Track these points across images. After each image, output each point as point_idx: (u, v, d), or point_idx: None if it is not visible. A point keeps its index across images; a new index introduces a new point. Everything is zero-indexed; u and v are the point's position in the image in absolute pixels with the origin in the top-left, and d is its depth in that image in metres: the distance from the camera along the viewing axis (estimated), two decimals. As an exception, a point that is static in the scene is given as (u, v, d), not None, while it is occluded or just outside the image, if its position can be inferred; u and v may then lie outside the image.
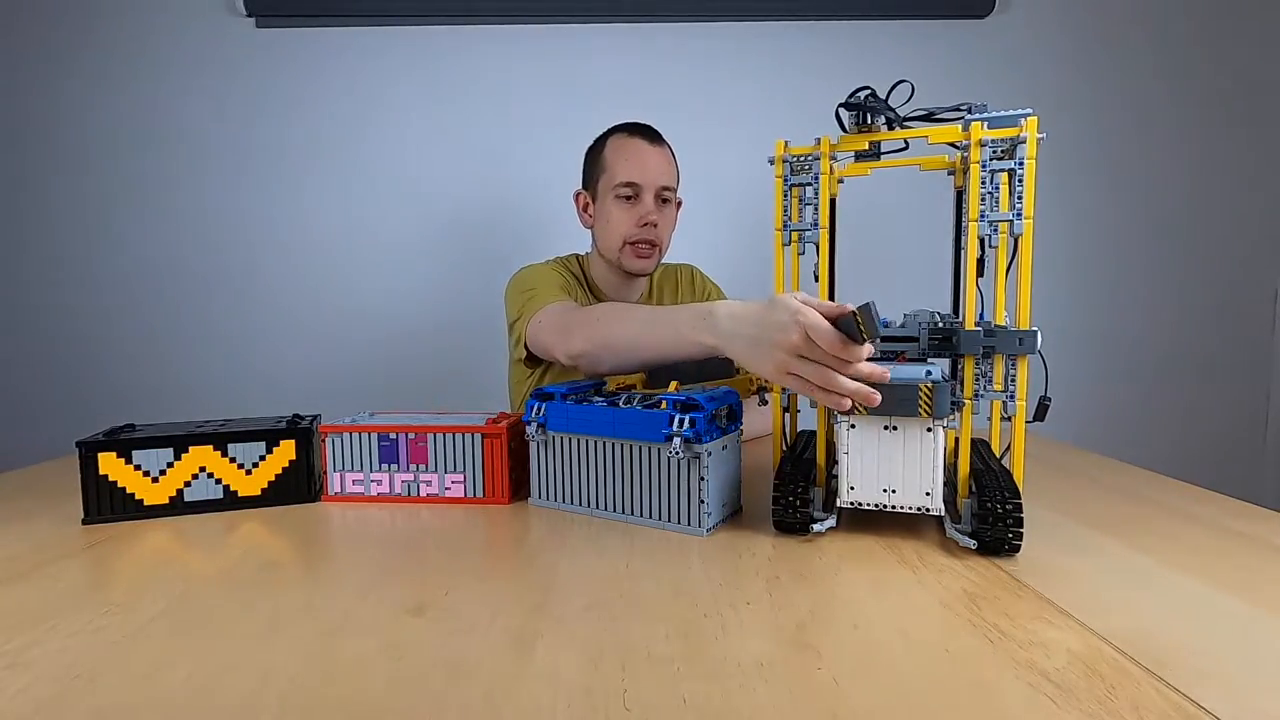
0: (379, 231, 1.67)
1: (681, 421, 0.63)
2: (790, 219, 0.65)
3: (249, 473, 0.74)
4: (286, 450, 0.75)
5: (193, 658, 0.42)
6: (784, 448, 0.69)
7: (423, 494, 0.75)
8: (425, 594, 0.51)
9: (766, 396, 0.77)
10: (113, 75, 1.61)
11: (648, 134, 1.15)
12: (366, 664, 0.41)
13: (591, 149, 1.20)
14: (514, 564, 0.58)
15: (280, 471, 0.75)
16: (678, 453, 0.62)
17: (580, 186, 1.22)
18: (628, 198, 1.12)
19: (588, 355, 0.85)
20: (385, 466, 0.76)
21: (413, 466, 0.75)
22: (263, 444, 0.75)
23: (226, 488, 0.74)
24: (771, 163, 0.65)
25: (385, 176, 1.66)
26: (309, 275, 1.67)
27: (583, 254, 1.26)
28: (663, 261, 1.31)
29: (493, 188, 1.66)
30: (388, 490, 0.76)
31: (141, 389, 1.67)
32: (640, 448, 0.66)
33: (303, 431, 0.76)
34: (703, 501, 0.63)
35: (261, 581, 0.54)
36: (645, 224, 1.11)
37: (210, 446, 0.73)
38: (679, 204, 1.23)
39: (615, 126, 1.17)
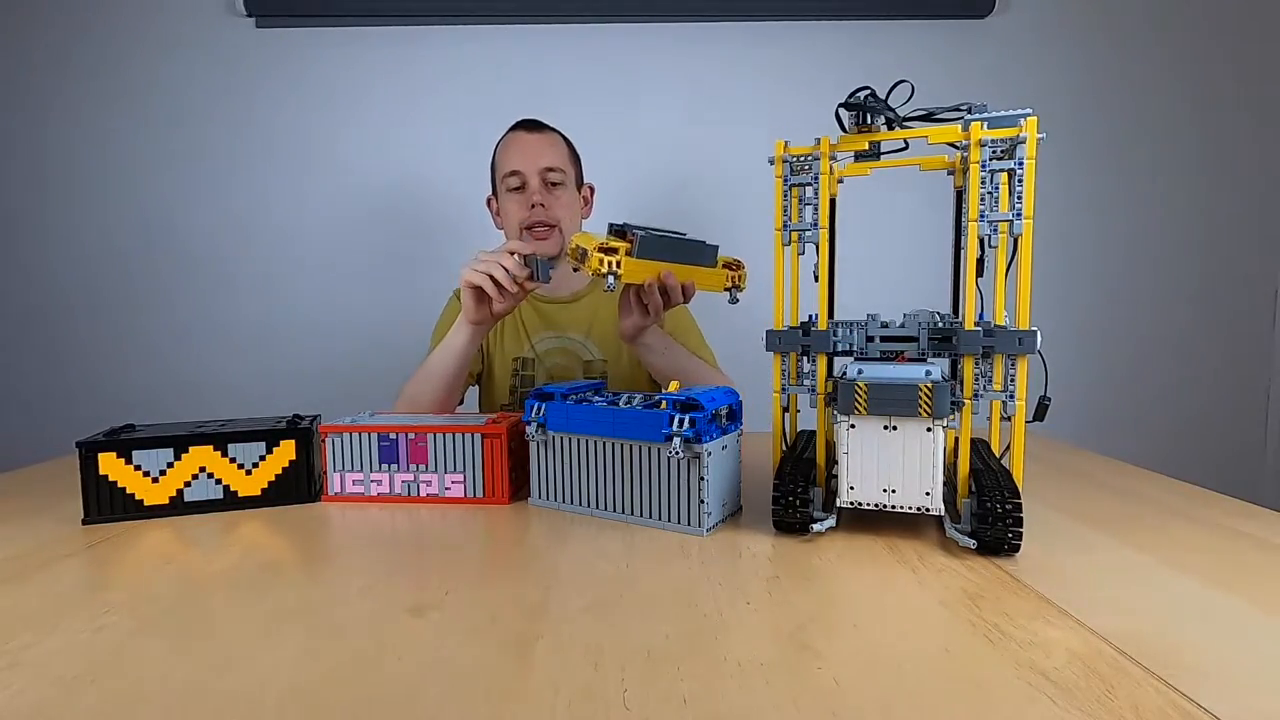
0: (381, 230, 1.67)
1: (681, 421, 0.63)
2: (790, 219, 0.65)
3: (249, 473, 0.74)
4: (286, 450, 0.75)
5: (193, 658, 0.42)
6: (784, 448, 0.69)
7: (423, 494, 0.75)
8: (425, 594, 0.51)
9: (737, 295, 0.83)
10: (111, 74, 1.62)
11: (528, 125, 1.20)
12: (366, 664, 0.41)
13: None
14: (514, 564, 0.58)
15: (280, 471, 0.75)
16: (678, 453, 0.62)
17: (490, 194, 1.26)
18: (516, 188, 1.17)
19: (407, 409, 1.01)
20: (385, 466, 0.76)
21: (413, 466, 0.75)
22: (263, 444, 0.75)
23: (226, 488, 0.74)
24: (771, 163, 0.65)
25: (386, 176, 1.66)
26: (309, 274, 1.68)
27: None
28: None
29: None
30: (388, 490, 0.76)
31: (141, 389, 1.67)
32: (640, 448, 0.66)
33: (303, 432, 0.76)
34: (703, 501, 0.63)
35: (261, 581, 0.54)
36: (534, 206, 1.15)
37: (210, 447, 0.73)
38: (590, 189, 1.27)
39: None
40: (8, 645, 0.44)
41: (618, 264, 0.73)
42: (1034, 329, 0.57)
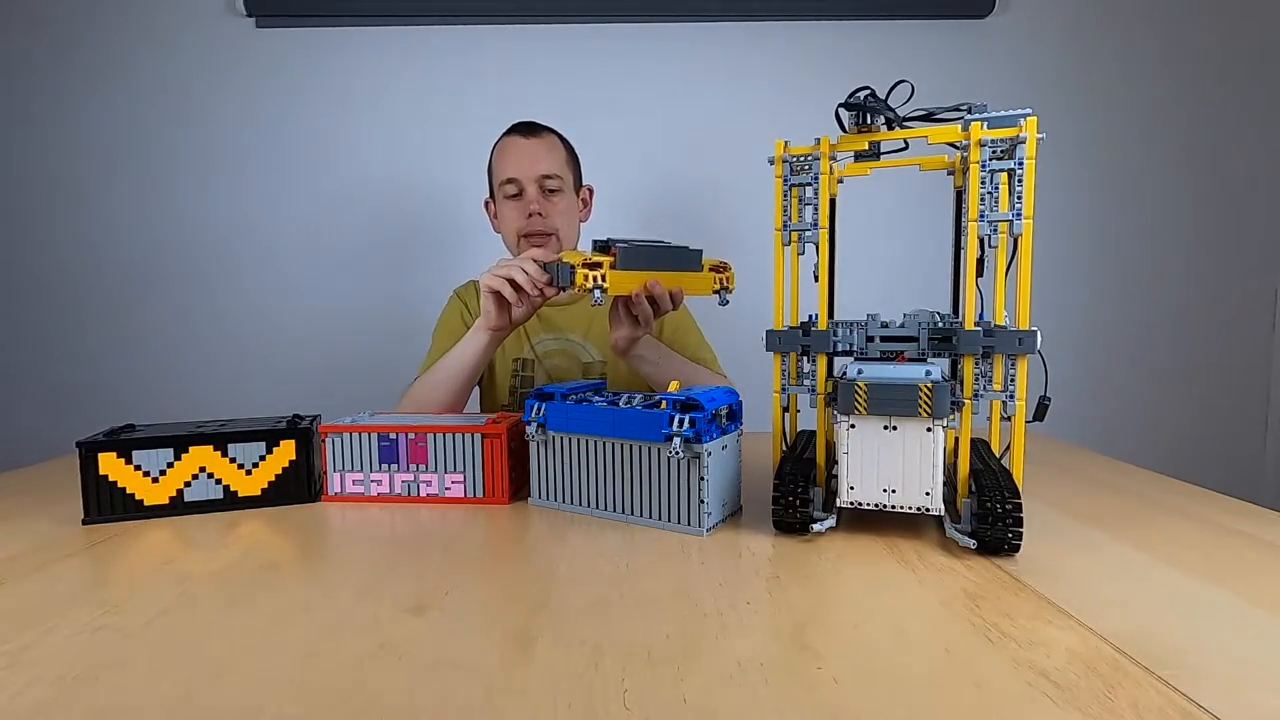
0: (380, 230, 1.67)
1: (681, 421, 0.63)
2: (790, 219, 0.65)
3: (249, 473, 0.74)
4: (286, 450, 0.75)
5: (192, 658, 0.42)
6: (784, 448, 0.69)
7: (423, 494, 0.75)
8: (425, 594, 0.51)
9: (726, 297, 0.83)
10: (112, 74, 1.62)
11: (524, 129, 1.17)
12: (366, 664, 0.41)
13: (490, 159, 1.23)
14: (514, 564, 0.58)
15: (280, 471, 0.75)
16: (678, 453, 0.62)
17: (488, 196, 1.25)
18: (513, 195, 1.16)
19: (413, 409, 1.00)
20: (385, 466, 0.76)
21: (413, 466, 0.75)
22: (263, 444, 0.75)
23: (226, 488, 0.74)
24: (771, 163, 0.65)
25: (385, 176, 1.66)
26: (309, 274, 1.67)
27: None
28: None
29: (493, 188, 1.66)
30: (388, 490, 0.76)
31: (142, 389, 1.67)
32: (640, 448, 0.66)
33: (303, 432, 0.76)
34: (703, 501, 0.63)
35: (261, 581, 0.54)
36: (531, 215, 1.14)
37: (210, 447, 0.73)
38: (589, 191, 1.25)
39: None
40: (8, 645, 0.44)
41: (602, 278, 0.75)
42: (1034, 329, 0.57)
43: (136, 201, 1.64)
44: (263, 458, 0.75)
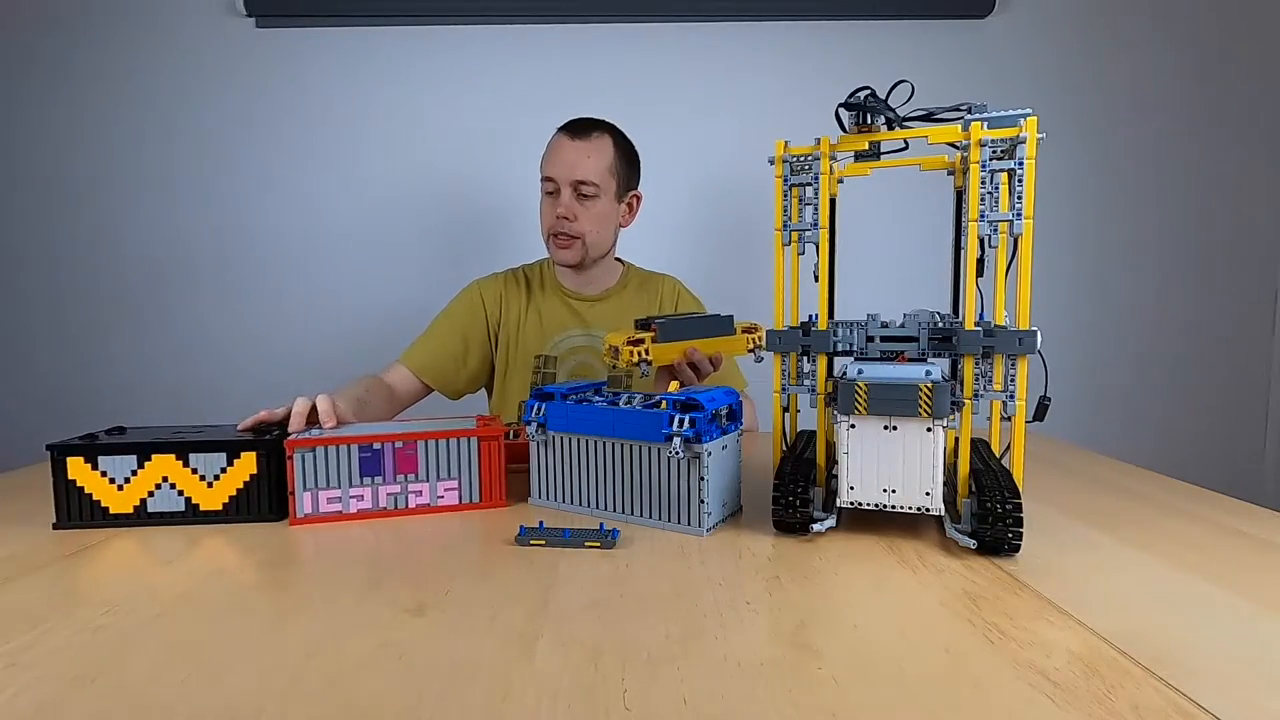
0: (378, 231, 1.67)
1: (681, 421, 0.63)
2: (790, 219, 0.65)
3: (210, 485, 0.69)
4: (248, 463, 0.69)
5: (192, 658, 0.42)
6: (784, 448, 0.69)
7: (412, 505, 0.71)
8: (425, 594, 0.51)
9: (761, 354, 0.83)
10: (111, 74, 1.61)
11: (573, 129, 1.17)
12: (366, 664, 0.41)
13: None
14: (514, 564, 0.58)
15: (241, 486, 0.69)
16: (678, 453, 0.62)
17: None
18: (550, 192, 1.17)
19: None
20: (368, 480, 0.70)
21: (399, 477, 0.71)
22: (223, 455, 0.68)
23: (188, 500, 0.68)
24: (771, 163, 0.65)
25: (384, 176, 1.66)
26: (307, 275, 1.67)
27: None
28: (646, 269, 1.32)
29: (492, 187, 1.66)
30: (370, 506, 0.70)
31: (139, 390, 1.67)
32: (640, 448, 0.66)
33: (267, 443, 0.69)
34: (703, 501, 0.63)
35: (261, 582, 0.54)
36: (560, 217, 1.15)
37: (173, 455, 0.68)
38: (637, 198, 1.24)
39: None
40: (7, 645, 0.44)
41: (646, 351, 0.82)
42: (1034, 329, 0.57)
43: (135, 201, 1.64)
44: (224, 470, 0.68)
